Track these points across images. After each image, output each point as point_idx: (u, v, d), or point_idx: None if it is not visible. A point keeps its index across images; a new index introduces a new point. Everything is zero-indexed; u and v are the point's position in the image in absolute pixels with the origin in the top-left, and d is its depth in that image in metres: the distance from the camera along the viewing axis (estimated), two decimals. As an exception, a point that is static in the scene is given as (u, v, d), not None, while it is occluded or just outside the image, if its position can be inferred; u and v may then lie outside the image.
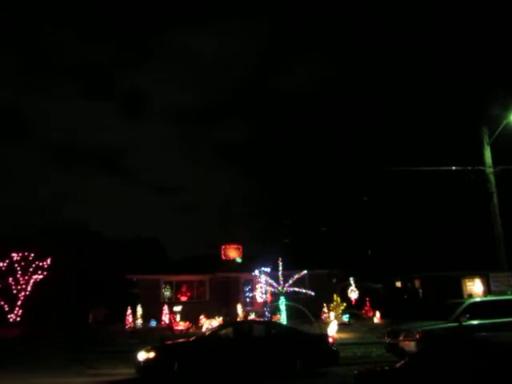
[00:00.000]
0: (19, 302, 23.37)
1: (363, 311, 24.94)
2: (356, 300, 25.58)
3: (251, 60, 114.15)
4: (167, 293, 28.02)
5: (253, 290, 25.77)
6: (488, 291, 22.60)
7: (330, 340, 11.44)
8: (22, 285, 23.57)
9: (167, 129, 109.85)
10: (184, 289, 28.10)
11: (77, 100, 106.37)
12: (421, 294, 25.95)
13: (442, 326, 12.09)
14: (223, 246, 30.15)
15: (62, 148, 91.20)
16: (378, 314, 23.28)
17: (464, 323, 11.72)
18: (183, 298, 27.56)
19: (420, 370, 5.54)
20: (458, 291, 25.85)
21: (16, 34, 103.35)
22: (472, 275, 26.85)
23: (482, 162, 17.33)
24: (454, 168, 17.32)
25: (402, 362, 6.10)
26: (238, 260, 29.46)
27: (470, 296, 21.41)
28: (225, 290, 27.35)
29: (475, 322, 11.80)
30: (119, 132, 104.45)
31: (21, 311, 23.27)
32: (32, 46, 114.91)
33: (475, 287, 26.60)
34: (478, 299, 14.42)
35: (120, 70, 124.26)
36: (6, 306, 23.18)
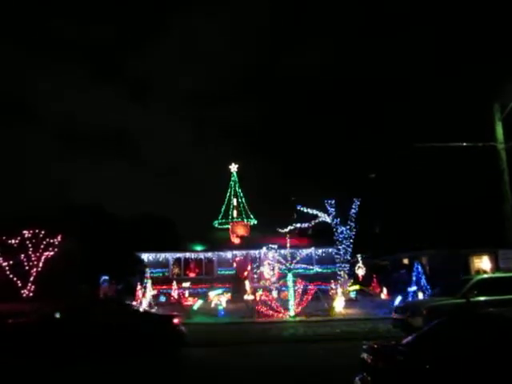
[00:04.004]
0: (32, 278, 23.78)
1: (370, 287, 25.10)
2: (363, 276, 25.75)
3: (255, 44, 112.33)
4: (176, 269, 28.40)
5: (261, 266, 26.01)
6: (496, 268, 22.59)
7: (176, 321, 10.99)
8: (33, 261, 23.94)
9: (173, 111, 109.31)
10: (193, 265, 28.43)
11: (81, 83, 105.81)
12: (428, 271, 26.02)
13: (449, 302, 12.17)
14: (231, 223, 30.30)
15: (66, 130, 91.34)
16: (385, 290, 23.41)
17: (472, 299, 11.77)
18: (192, 275, 27.92)
19: (428, 345, 5.59)
20: (466, 268, 25.92)
21: (17, 20, 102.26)
22: (480, 252, 26.86)
23: (493, 137, 17.04)
24: (464, 144, 17.04)
25: (410, 337, 6.16)
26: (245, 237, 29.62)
27: (478, 272, 21.43)
28: (233, 267, 27.63)
29: (482, 299, 11.84)
30: (124, 115, 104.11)
31: (33, 287, 23.69)
32: (35, 32, 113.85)
33: (483, 264, 26.63)
34: (485, 276, 14.43)
35: (124, 54, 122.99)
36: (18, 281, 23.60)
